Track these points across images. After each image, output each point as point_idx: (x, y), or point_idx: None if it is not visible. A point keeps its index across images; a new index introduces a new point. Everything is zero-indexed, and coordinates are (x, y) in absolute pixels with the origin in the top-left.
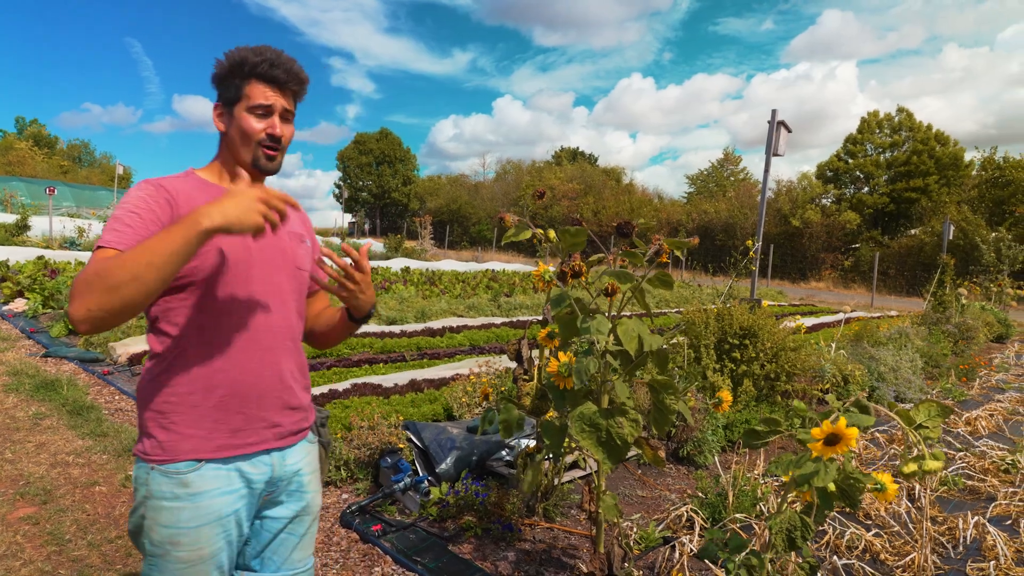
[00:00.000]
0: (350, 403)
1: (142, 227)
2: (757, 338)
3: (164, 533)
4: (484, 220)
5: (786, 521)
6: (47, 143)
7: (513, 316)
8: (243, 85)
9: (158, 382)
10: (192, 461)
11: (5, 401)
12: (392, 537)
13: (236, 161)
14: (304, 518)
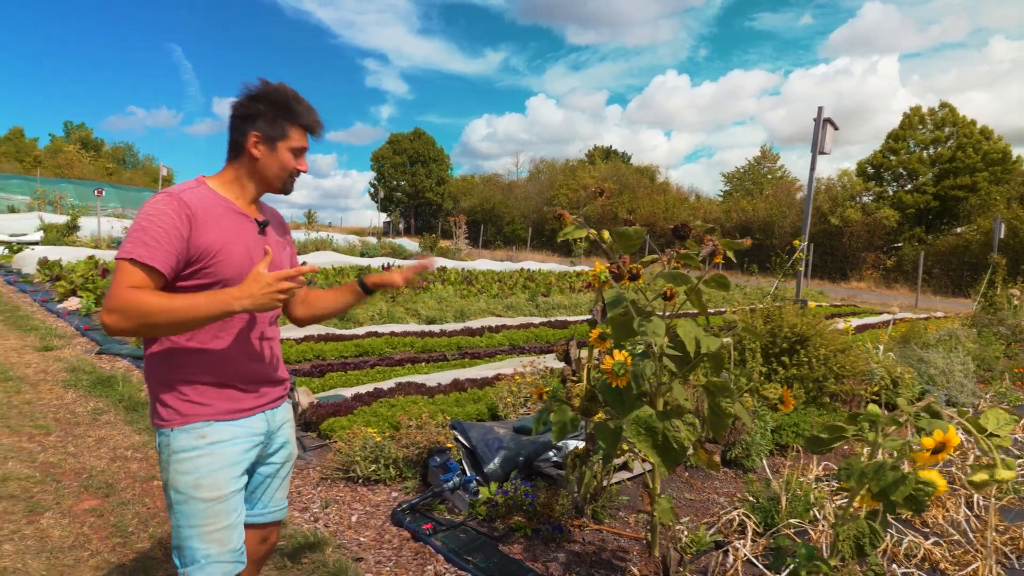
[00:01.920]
0: (396, 402)
1: (169, 244)
2: (809, 343)
3: (187, 479)
4: (518, 220)
5: (854, 528)
6: (93, 146)
7: (551, 316)
8: (289, 128)
9: (171, 363)
10: (206, 422)
11: (65, 396)
12: (442, 536)
13: (261, 182)
14: (287, 464)
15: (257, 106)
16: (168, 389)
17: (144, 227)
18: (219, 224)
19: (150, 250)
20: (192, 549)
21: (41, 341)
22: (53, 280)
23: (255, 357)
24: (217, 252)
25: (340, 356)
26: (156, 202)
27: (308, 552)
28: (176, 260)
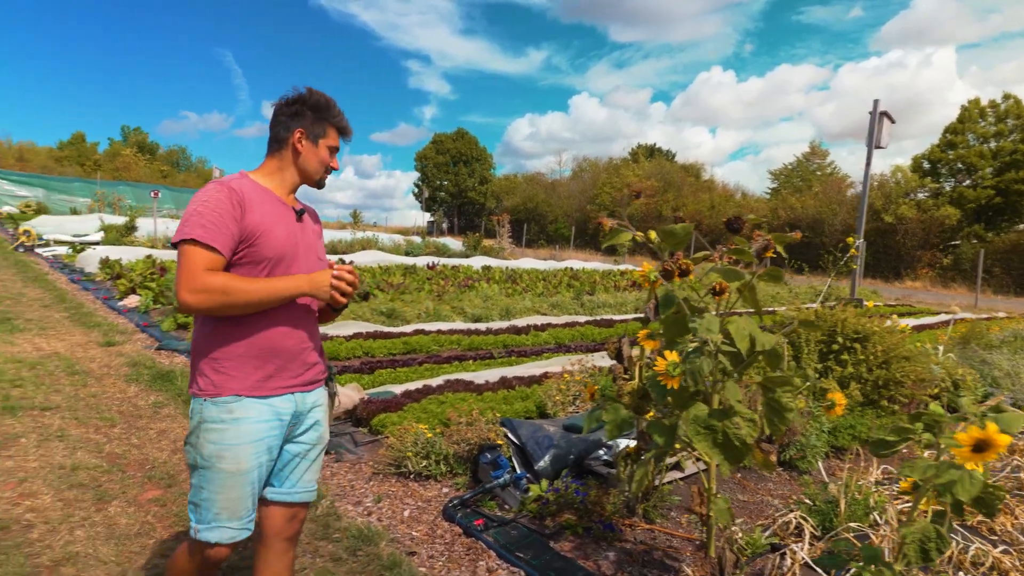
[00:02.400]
0: (445, 398)
1: (225, 228)
2: (868, 342)
3: (212, 448)
4: (561, 218)
5: (919, 532)
6: (149, 149)
7: (597, 315)
8: (329, 128)
9: (213, 338)
10: (235, 396)
11: (127, 390)
12: (493, 532)
13: (301, 174)
14: (317, 446)
15: (303, 107)
16: (208, 361)
17: (201, 212)
18: (263, 209)
19: (210, 232)
20: (207, 510)
21: (104, 337)
22: (114, 278)
23: (291, 340)
24: (262, 234)
25: (389, 353)
26: (209, 190)
27: (363, 545)
28: (233, 241)
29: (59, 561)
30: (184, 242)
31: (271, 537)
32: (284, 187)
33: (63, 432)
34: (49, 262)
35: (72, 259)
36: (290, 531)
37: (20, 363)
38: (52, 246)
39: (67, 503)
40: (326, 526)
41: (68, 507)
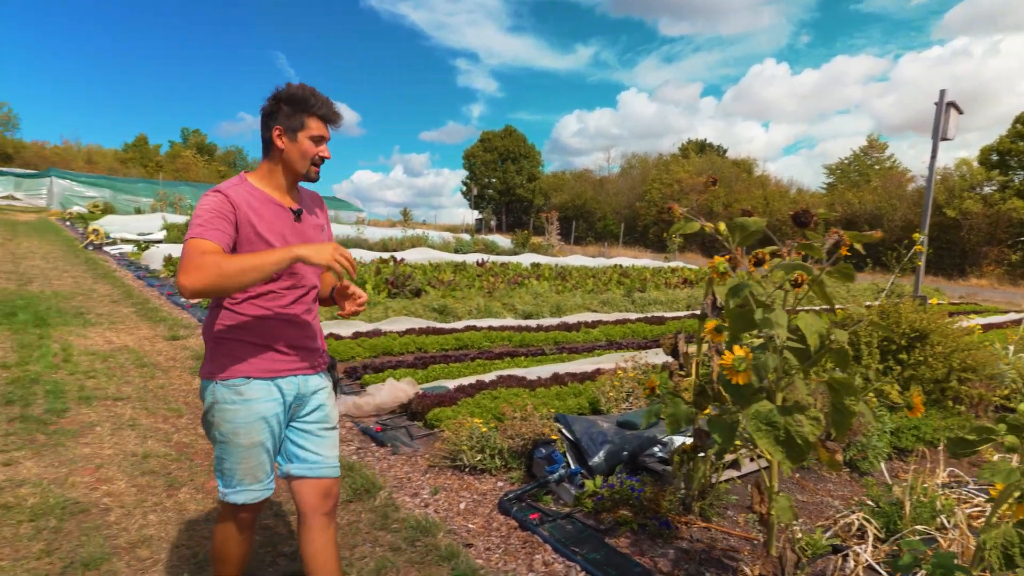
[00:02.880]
0: (498, 393)
1: (224, 226)
2: (928, 339)
3: (228, 427)
4: (610, 215)
5: (1001, 536)
6: (207, 151)
7: (647, 312)
8: (307, 119)
9: (223, 325)
10: (244, 378)
11: (192, 382)
12: (549, 526)
13: (288, 171)
14: (325, 426)
15: (278, 104)
16: (219, 346)
17: (200, 215)
18: (259, 211)
19: (207, 230)
20: (231, 477)
21: (169, 331)
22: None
23: (295, 327)
24: (259, 235)
25: (441, 349)
26: (206, 197)
27: (421, 536)
28: (229, 237)
29: (135, 543)
30: (186, 240)
31: (309, 515)
32: (278, 187)
33: (134, 421)
34: (116, 259)
35: (137, 256)
36: (326, 507)
37: (94, 355)
38: (119, 244)
39: (140, 489)
40: (384, 516)
41: (141, 492)
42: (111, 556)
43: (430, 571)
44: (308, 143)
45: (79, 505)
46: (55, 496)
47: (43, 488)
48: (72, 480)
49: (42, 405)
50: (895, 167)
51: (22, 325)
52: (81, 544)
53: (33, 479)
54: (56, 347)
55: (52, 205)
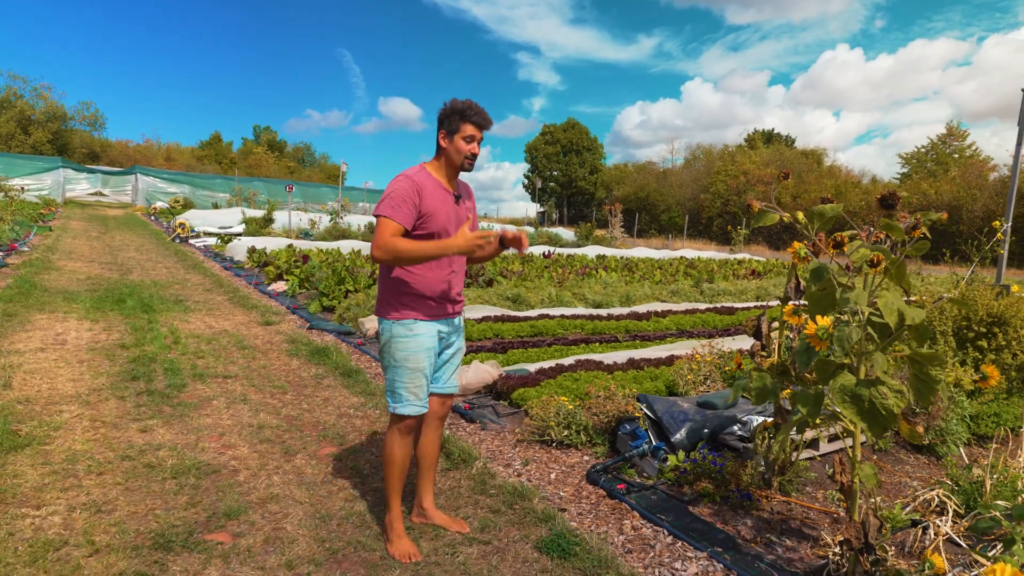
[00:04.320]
0: (578, 376)
1: (407, 208)
2: (1009, 325)
3: (400, 354)
4: (673, 207)
5: None
6: (277, 147)
7: (716, 302)
8: (462, 124)
9: (399, 284)
10: (414, 319)
11: (290, 363)
12: (635, 496)
13: (450, 164)
14: (458, 354)
15: (443, 113)
16: (395, 298)
17: (392, 195)
18: (433, 195)
19: (396, 211)
20: (400, 395)
21: (262, 317)
22: (261, 266)
23: (445, 285)
24: (431, 213)
25: (517, 336)
26: (398, 181)
27: (518, 500)
28: (412, 218)
29: (264, 500)
30: (379, 216)
31: (431, 417)
32: (444, 176)
33: (245, 396)
34: (202, 251)
35: (221, 248)
36: (442, 412)
37: (198, 338)
38: (202, 237)
39: (261, 454)
40: (483, 483)
41: (262, 457)
42: (247, 509)
43: (529, 531)
44: (462, 142)
45: (211, 466)
46: (189, 459)
47: (178, 451)
48: (201, 445)
49: (163, 381)
50: (976, 156)
51: (131, 311)
52: (219, 498)
53: (168, 444)
54: (164, 330)
55: (137, 201)
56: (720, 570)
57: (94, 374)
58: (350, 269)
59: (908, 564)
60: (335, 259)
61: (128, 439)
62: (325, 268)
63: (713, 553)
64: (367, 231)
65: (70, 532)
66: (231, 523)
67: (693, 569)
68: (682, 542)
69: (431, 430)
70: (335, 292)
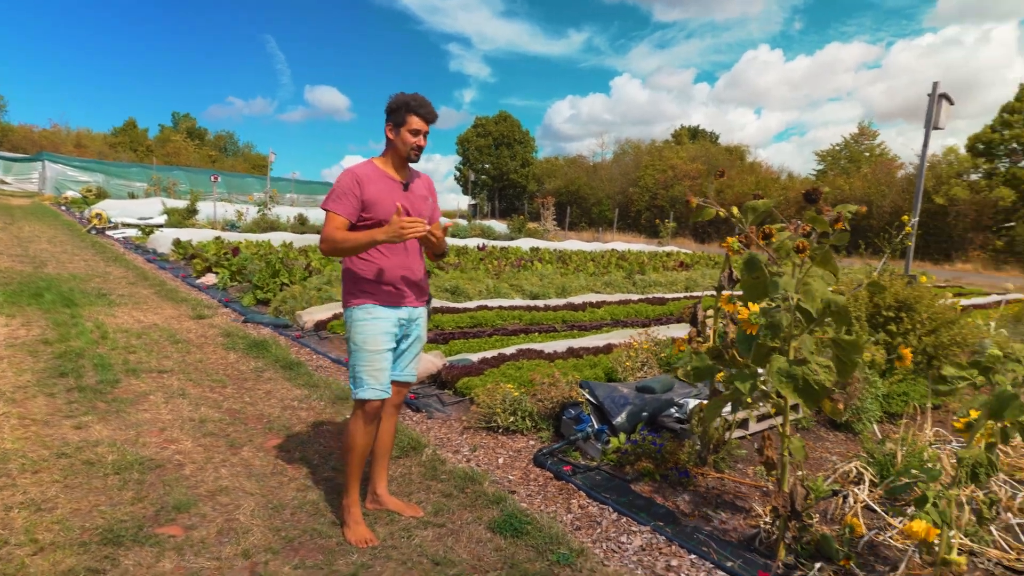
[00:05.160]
0: (520, 365)
1: (349, 200)
2: (914, 311)
3: (359, 337)
4: (604, 201)
5: (973, 457)
6: (198, 135)
7: (648, 293)
8: (407, 116)
9: (355, 273)
10: (372, 304)
11: (228, 357)
12: (580, 477)
13: (396, 155)
14: (417, 343)
15: (391, 105)
16: (353, 285)
17: (335, 190)
18: (376, 184)
19: (338, 204)
20: (361, 379)
21: (193, 311)
22: (188, 259)
23: (404, 273)
24: (374, 202)
25: (457, 326)
26: (342, 176)
27: (469, 484)
28: (355, 209)
29: (214, 492)
30: (325, 210)
31: (386, 404)
32: (393, 167)
33: (184, 391)
34: (121, 243)
35: (143, 240)
36: (398, 400)
37: (128, 333)
38: (120, 228)
39: (205, 448)
40: (433, 469)
41: (207, 451)
42: (197, 501)
43: (481, 512)
44: (407, 134)
45: (154, 461)
46: (131, 454)
47: (118, 447)
48: (142, 440)
49: (94, 377)
50: (885, 154)
51: (51, 305)
52: (167, 492)
53: (106, 440)
54: (90, 325)
55: (45, 190)
56: (663, 542)
57: (17, 371)
58: (284, 261)
59: (831, 529)
60: (267, 251)
61: (62, 436)
62: (258, 260)
63: (655, 527)
64: (297, 223)
65: (10, 531)
66: (181, 516)
67: (638, 542)
68: (626, 518)
69: (386, 417)
70: (270, 285)
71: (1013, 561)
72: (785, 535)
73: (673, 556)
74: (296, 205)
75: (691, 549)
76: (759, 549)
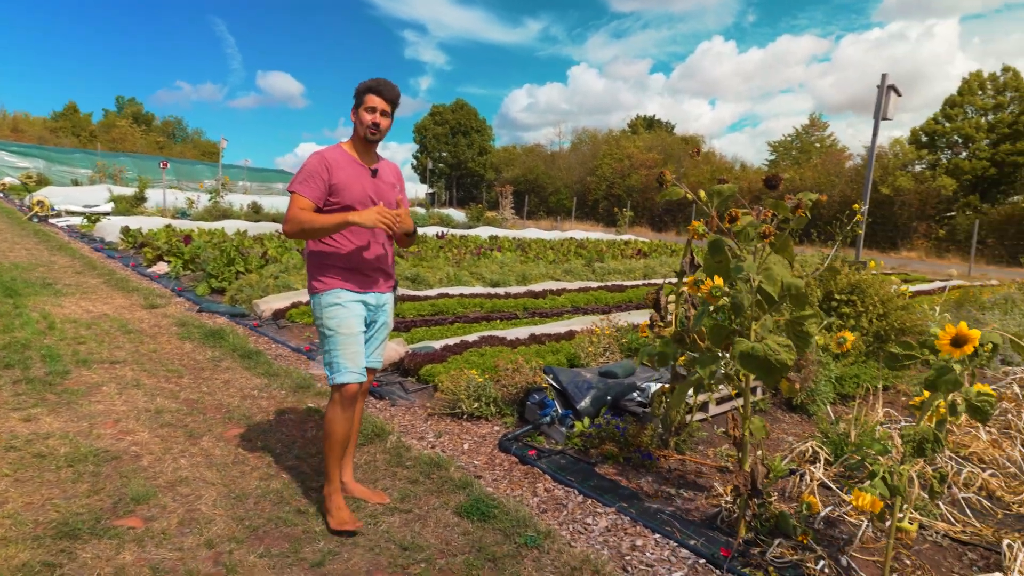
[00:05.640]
0: (483, 351)
1: (316, 184)
2: (865, 294)
3: (333, 322)
4: (562, 190)
5: (920, 433)
6: (144, 120)
7: (607, 280)
8: (364, 96)
9: (323, 257)
10: (341, 290)
11: (183, 347)
12: (545, 461)
13: (358, 137)
14: (384, 329)
15: (357, 90)
16: (321, 272)
17: (302, 171)
18: (344, 169)
19: (304, 186)
20: (338, 364)
21: (145, 300)
22: (138, 247)
23: (372, 258)
24: (342, 187)
25: (419, 314)
26: (310, 158)
27: (435, 470)
28: (321, 192)
29: (173, 483)
30: (290, 191)
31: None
32: (360, 152)
33: (138, 381)
34: (66, 231)
35: (89, 229)
36: (365, 387)
37: (76, 323)
38: (64, 216)
39: (163, 439)
40: (398, 455)
41: (165, 442)
42: (156, 493)
43: (448, 498)
44: (364, 114)
45: (109, 453)
46: (84, 446)
47: (70, 439)
48: (96, 432)
49: (41, 368)
50: (834, 145)
51: None
52: (124, 484)
53: (58, 432)
54: (35, 315)
55: None
56: (627, 522)
57: None
58: (239, 250)
59: (788, 507)
60: (221, 240)
61: (10, 429)
62: (211, 249)
63: (620, 508)
64: (251, 211)
65: None
66: (140, 507)
67: (603, 523)
68: (592, 500)
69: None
70: (225, 274)
71: (959, 533)
72: (746, 513)
73: (638, 536)
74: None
75: (655, 528)
76: (720, 527)
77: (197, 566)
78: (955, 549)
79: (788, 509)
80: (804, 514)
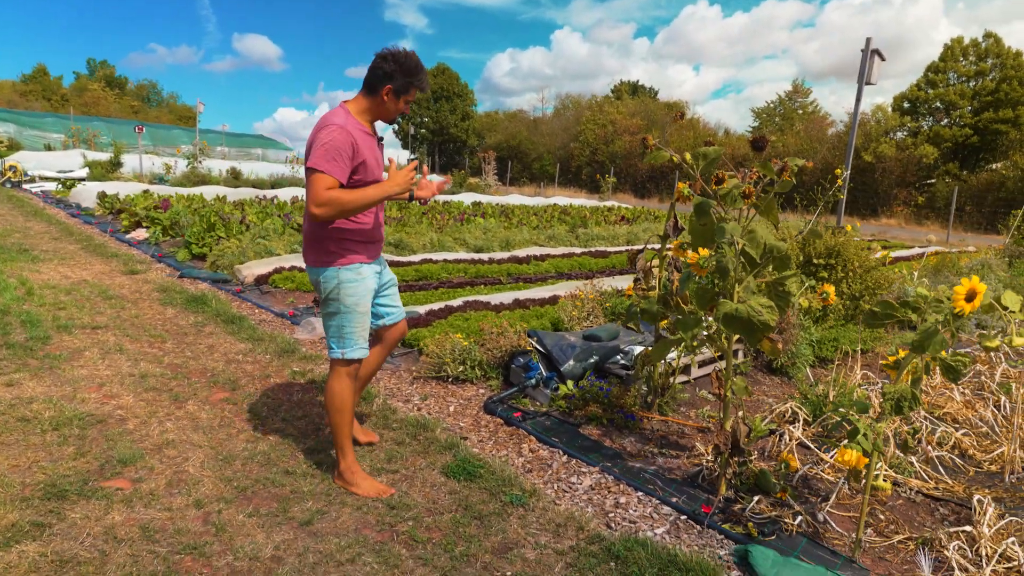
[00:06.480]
0: (468, 316)
1: (344, 163)
2: (843, 258)
3: (351, 300)
4: (545, 156)
5: (898, 392)
6: (118, 84)
7: (591, 247)
8: (412, 89)
9: (341, 232)
10: (360, 263)
11: (165, 312)
12: (530, 423)
13: (380, 116)
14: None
15: (397, 69)
16: (339, 245)
17: (329, 151)
18: (365, 144)
19: (332, 165)
20: (350, 339)
21: (125, 266)
22: (115, 213)
23: (378, 228)
24: (364, 162)
25: (403, 280)
26: (333, 131)
27: (421, 432)
28: (347, 171)
29: (160, 446)
30: (314, 169)
31: (385, 343)
32: (368, 121)
33: (121, 347)
34: (40, 197)
35: (65, 194)
36: (398, 336)
37: (55, 288)
38: (39, 182)
39: (148, 403)
40: (385, 418)
41: (150, 406)
42: (143, 455)
43: (434, 458)
44: (404, 105)
45: (95, 416)
46: (69, 410)
47: (55, 403)
48: (80, 396)
49: (22, 333)
50: (817, 112)
51: None
52: (110, 447)
53: (41, 397)
54: (13, 281)
55: None
56: (611, 481)
57: None
58: (220, 215)
59: (768, 465)
60: (200, 205)
61: None
62: (191, 215)
63: (604, 467)
64: (230, 176)
65: None
66: (128, 469)
67: (588, 482)
68: (576, 460)
69: (382, 351)
70: (205, 239)
71: (931, 489)
72: (726, 471)
73: (621, 494)
74: (228, 159)
75: (638, 487)
76: (702, 485)
77: (186, 525)
78: (928, 505)
79: (767, 467)
80: (783, 472)
